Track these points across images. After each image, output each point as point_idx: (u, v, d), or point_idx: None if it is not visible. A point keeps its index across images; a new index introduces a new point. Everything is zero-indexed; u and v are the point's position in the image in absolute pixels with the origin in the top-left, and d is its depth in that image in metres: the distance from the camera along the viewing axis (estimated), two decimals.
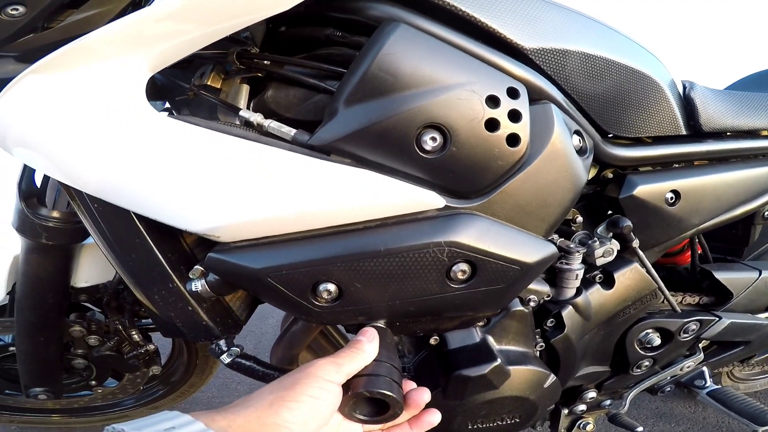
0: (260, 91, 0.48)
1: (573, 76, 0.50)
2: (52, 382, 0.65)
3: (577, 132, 0.49)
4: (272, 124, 0.41)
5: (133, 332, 0.72)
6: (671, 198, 0.59)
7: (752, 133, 0.68)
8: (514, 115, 0.41)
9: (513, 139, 0.41)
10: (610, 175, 0.60)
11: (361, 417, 0.41)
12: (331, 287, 0.41)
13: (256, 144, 0.38)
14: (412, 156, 0.39)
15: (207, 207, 0.38)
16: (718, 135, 0.66)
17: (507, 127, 0.40)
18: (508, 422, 0.57)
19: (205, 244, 0.46)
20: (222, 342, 0.52)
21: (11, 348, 0.71)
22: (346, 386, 0.39)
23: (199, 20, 0.36)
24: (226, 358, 0.52)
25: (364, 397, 0.39)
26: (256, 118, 0.42)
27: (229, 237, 0.41)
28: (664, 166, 0.63)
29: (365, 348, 0.38)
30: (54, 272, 0.59)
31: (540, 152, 0.43)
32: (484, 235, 0.41)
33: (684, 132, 0.62)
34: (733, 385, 1.06)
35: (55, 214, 0.55)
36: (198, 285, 0.43)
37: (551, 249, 0.46)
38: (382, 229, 0.40)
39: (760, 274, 0.70)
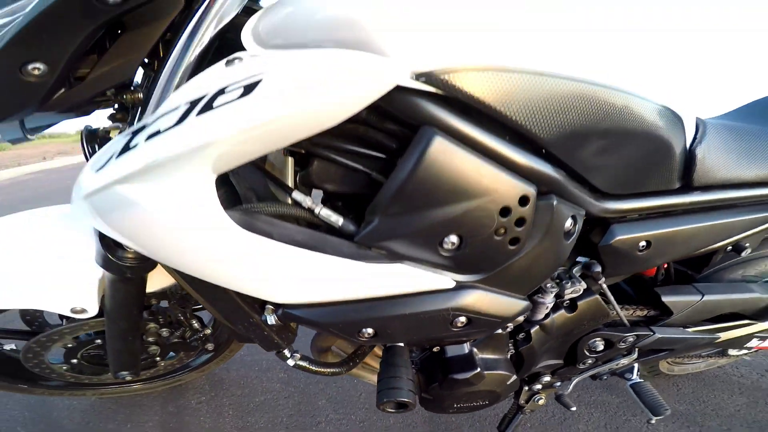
0: (303, 164, 0.55)
1: (585, 157, 0.54)
2: (134, 366, 0.83)
3: (572, 216, 0.56)
4: (323, 212, 0.51)
5: (194, 321, 0.90)
6: (643, 246, 0.66)
7: (740, 184, 0.72)
8: (520, 222, 0.50)
9: (514, 240, 0.51)
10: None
11: (390, 411, 0.63)
12: (371, 331, 0.56)
13: (319, 254, 0.48)
14: (434, 252, 0.51)
15: (279, 290, 0.51)
16: (706, 187, 0.69)
17: (512, 232, 0.50)
18: (480, 404, 0.76)
19: None
20: (286, 351, 0.68)
21: (97, 340, 0.87)
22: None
23: (263, 141, 0.41)
24: (291, 362, 0.69)
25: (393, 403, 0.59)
26: (308, 202, 0.51)
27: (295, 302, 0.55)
28: (644, 215, 0.67)
29: None
30: (136, 292, 0.71)
31: (534, 241, 0.54)
32: (479, 302, 0.55)
33: (676, 186, 0.67)
34: (669, 367, 1.26)
35: (131, 255, 0.58)
36: (272, 319, 0.57)
37: (526, 304, 0.61)
38: (408, 298, 0.54)
39: (702, 297, 0.81)
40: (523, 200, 0.49)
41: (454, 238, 0.50)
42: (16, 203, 3.90)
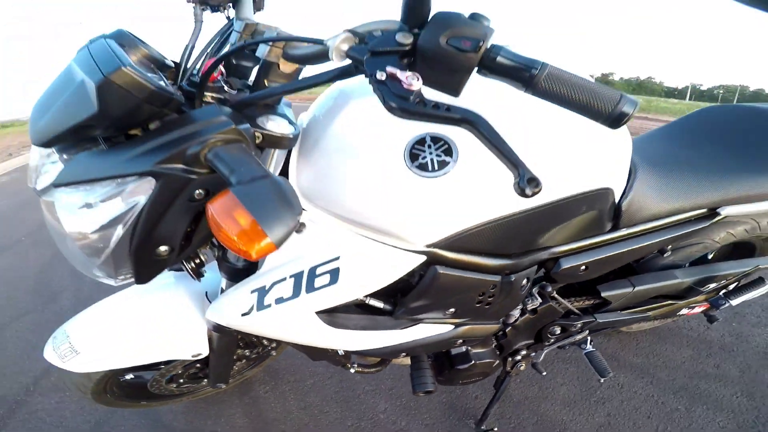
0: None
1: (534, 244, 0.79)
2: (227, 379, 1.11)
3: (526, 277, 0.81)
4: (372, 302, 0.78)
5: (264, 341, 1.19)
6: (583, 269, 0.87)
7: (660, 217, 0.92)
8: (492, 295, 0.80)
9: (489, 303, 0.82)
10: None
11: (421, 394, 0.93)
12: (404, 354, 0.90)
13: (374, 331, 0.80)
14: (441, 316, 0.83)
15: (352, 346, 0.80)
16: (631, 225, 0.89)
17: (487, 301, 0.82)
18: (476, 379, 1.08)
19: None
20: (350, 367, 0.99)
21: (197, 365, 1.14)
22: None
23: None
24: (352, 370, 1.00)
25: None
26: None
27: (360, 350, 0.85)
28: (583, 249, 0.87)
29: None
30: (235, 338, 0.92)
31: (501, 298, 0.83)
32: (468, 332, 0.89)
33: (606, 230, 0.86)
34: (627, 326, 1.59)
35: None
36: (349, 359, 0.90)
37: (499, 326, 0.92)
38: (426, 338, 0.85)
39: (633, 288, 1.03)
40: (493, 285, 0.77)
41: (452, 310, 0.79)
42: (7, 211, 3.95)
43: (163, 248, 0.58)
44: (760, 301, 1.87)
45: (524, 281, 0.81)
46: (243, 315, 0.70)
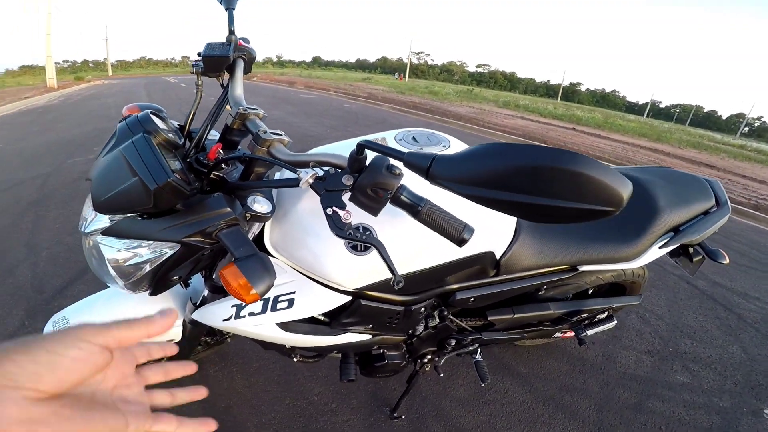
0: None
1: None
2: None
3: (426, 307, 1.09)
4: (319, 317, 0.99)
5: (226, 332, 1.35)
6: (472, 300, 1.11)
7: (531, 268, 1.14)
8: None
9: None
10: None
11: (345, 381, 1.15)
12: (336, 351, 1.13)
13: (319, 336, 1.01)
14: (363, 333, 1.06)
15: (297, 345, 1.00)
16: (509, 272, 1.10)
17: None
18: (391, 374, 1.28)
19: None
20: (293, 356, 1.18)
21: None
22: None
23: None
24: (294, 359, 1.18)
25: None
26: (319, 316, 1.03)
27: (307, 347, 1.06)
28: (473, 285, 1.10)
29: (151, 322, 0.38)
30: (203, 330, 1.13)
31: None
32: (381, 341, 1.13)
33: (490, 275, 1.09)
34: (521, 341, 1.82)
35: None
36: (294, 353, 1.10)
37: (405, 338, 1.18)
38: (354, 342, 1.06)
39: (513, 315, 1.25)
40: (398, 313, 1.02)
41: (370, 326, 1.04)
42: None
43: (175, 278, 0.83)
44: (637, 326, 2.21)
45: (423, 309, 1.08)
46: (224, 320, 0.93)
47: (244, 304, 0.90)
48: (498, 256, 1.05)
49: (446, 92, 20.57)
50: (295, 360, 1.18)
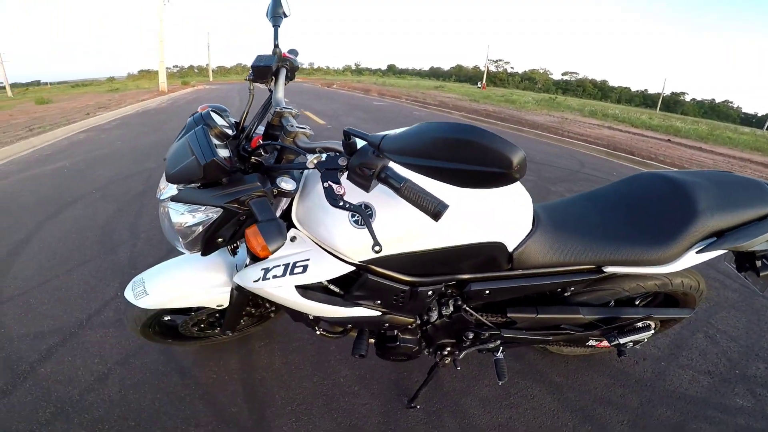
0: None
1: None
2: (235, 327, 1.49)
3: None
4: (332, 287, 1.16)
5: (267, 303, 1.56)
6: (487, 293, 1.15)
7: (545, 265, 1.15)
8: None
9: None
10: None
11: (357, 357, 1.29)
12: (350, 326, 1.28)
13: (333, 306, 1.13)
14: (375, 308, 1.16)
15: (317, 313, 1.17)
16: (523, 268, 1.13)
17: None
18: (404, 359, 1.37)
19: None
20: (316, 327, 1.34)
21: (217, 315, 1.55)
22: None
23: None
24: (317, 332, 1.32)
25: None
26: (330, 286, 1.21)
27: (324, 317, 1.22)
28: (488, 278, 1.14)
29: None
30: (248, 298, 1.34)
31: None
32: (391, 320, 1.22)
33: (505, 269, 1.12)
34: (558, 348, 1.81)
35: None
36: (319, 325, 1.28)
37: (414, 319, 1.25)
38: (366, 317, 1.17)
39: (536, 315, 1.27)
40: (403, 292, 1.10)
41: (378, 302, 1.13)
42: (82, 166, 4.65)
43: (220, 239, 1.03)
44: (702, 346, 2.03)
45: (430, 292, 1.13)
46: (254, 281, 1.09)
47: (269, 267, 1.07)
48: (510, 249, 1.08)
49: (525, 100, 19.84)
50: (318, 332, 1.32)
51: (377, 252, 0.79)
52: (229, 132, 1.05)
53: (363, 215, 0.79)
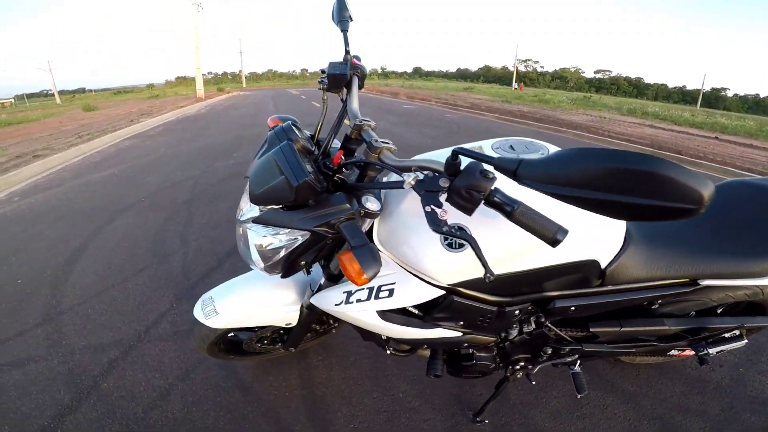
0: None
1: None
2: (296, 345, 1.47)
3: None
4: (412, 309, 1.10)
5: (331, 320, 1.52)
6: (572, 309, 1.09)
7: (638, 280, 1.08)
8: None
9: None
10: None
11: (431, 377, 1.22)
12: (426, 346, 1.20)
13: (413, 328, 1.08)
14: (456, 329, 1.10)
15: (395, 335, 1.10)
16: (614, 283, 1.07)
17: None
18: (477, 376, 1.31)
19: None
20: (386, 347, 1.29)
21: (281, 331, 1.53)
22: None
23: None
24: (388, 351, 1.28)
25: None
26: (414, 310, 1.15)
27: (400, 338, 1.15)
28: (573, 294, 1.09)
29: None
30: (314, 317, 1.32)
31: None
32: (470, 339, 1.14)
33: (593, 285, 1.06)
34: (630, 358, 1.71)
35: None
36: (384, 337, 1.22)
37: (495, 338, 1.19)
38: (446, 338, 1.10)
39: (620, 328, 1.21)
40: (490, 313, 1.05)
41: (461, 323, 1.07)
42: (131, 174, 4.80)
43: (302, 263, 1.01)
44: None
45: (517, 312, 1.08)
46: (335, 305, 1.07)
47: (352, 291, 1.04)
48: (603, 266, 1.03)
49: (559, 100, 19.20)
50: (388, 352, 1.28)
51: (490, 280, 0.72)
52: (310, 147, 1.00)
53: (472, 242, 0.71)
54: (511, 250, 0.92)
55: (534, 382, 1.47)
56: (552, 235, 0.66)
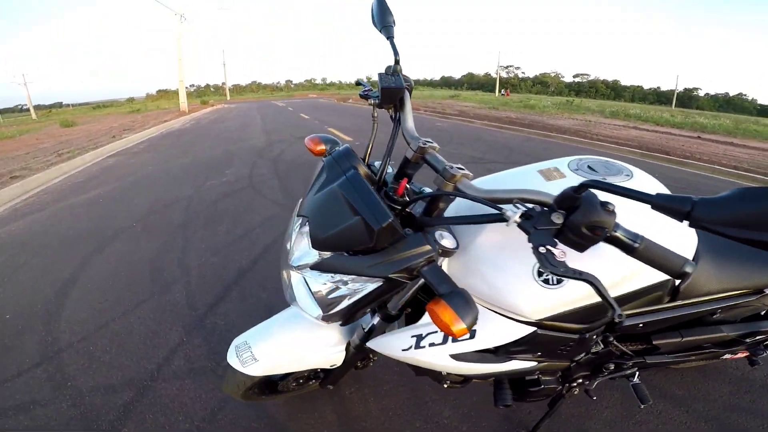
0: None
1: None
2: (335, 383, 1.34)
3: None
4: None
5: (375, 356, 1.38)
6: (640, 326, 1.07)
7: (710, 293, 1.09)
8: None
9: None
10: None
11: (500, 407, 1.13)
12: (492, 379, 1.10)
13: (480, 364, 0.98)
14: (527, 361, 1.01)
15: (456, 371, 1.00)
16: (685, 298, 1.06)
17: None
18: (541, 399, 1.25)
19: None
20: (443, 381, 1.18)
21: (318, 370, 1.38)
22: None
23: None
24: (444, 385, 1.17)
25: None
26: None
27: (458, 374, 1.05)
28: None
29: None
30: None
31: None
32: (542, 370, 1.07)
33: (664, 303, 1.04)
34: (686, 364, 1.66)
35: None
36: (448, 378, 1.11)
37: (567, 365, 1.12)
38: (515, 372, 1.03)
39: (681, 339, 1.20)
40: (572, 341, 0.98)
41: (539, 353, 1.00)
42: (117, 195, 4.58)
43: (367, 310, 0.92)
44: None
45: (594, 336, 1.04)
46: (403, 350, 0.98)
47: (423, 334, 0.95)
48: (678, 283, 1.01)
49: (543, 105, 19.58)
50: (444, 386, 1.19)
51: (620, 320, 0.64)
52: (373, 175, 0.88)
53: (597, 283, 0.62)
54: (608, 279, 0.85)
55: (594, 398, 1.42)
56: (679, 268, 0.61)
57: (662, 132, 11.39)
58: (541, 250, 0.63)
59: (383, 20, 0.98)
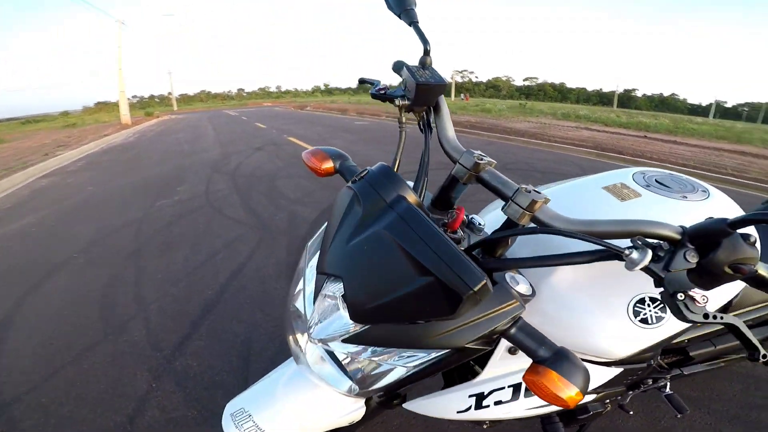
0: None
1: None
2: None
3: None
4: None
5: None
6: (686, 342, 1.11)
7: None
8: None
9: None
10: None
11: None
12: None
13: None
14: None
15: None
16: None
17: None
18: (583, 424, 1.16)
19: None
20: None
21: None
22: None
23: None
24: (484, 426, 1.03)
25: None
26: None
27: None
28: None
29: None
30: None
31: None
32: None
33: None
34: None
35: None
36: None
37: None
38: None
39: (714, 348, 1.22)
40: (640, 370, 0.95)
41: None
42: (54, 223, 4.07)
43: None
44: None
45: (652, 362, 1.00)
46: (459, 412, 0.84)
47: (485, 392, 0.82)
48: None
49: (499, 108, 20.25)
50: (485, 426, 1.05)
51: (765, 359, 0.61)
52: (423, 205, 0.67)
53: (742, 327, 0.56)
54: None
55: (631, 412, 1.40)
56: None
57: (612, 132, 12.01)
58: (679, 296, 0.51)
59: (403, 4, 0.75)
